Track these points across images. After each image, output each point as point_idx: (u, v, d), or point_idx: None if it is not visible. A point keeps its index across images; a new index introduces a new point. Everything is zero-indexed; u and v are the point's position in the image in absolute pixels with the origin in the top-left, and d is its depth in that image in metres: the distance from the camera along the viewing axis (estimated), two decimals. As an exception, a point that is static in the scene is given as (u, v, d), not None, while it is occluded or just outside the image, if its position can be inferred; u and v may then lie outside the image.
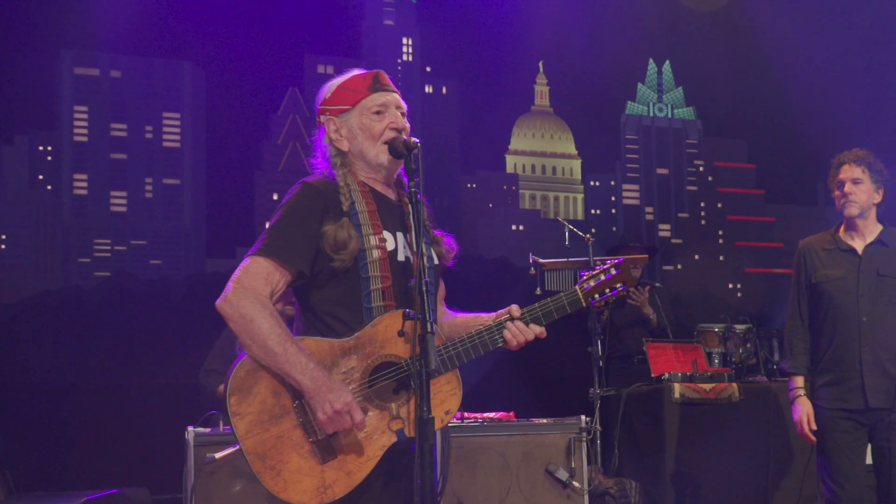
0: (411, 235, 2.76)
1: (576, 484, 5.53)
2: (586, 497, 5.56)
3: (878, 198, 4.45)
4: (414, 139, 2.73)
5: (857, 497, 4.28)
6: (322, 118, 2.88)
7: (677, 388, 5.98)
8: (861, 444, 4.34)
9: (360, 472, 2.62)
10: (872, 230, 4.48)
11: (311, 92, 2.99)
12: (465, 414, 5.65)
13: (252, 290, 2.62)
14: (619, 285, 2.86)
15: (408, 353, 2.62)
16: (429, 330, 2.50)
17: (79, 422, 10.05)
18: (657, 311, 7.18)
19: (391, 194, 2.88)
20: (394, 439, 2.64)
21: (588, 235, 6.86)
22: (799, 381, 4.47)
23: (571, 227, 7.31)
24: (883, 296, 4.37)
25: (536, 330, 2.77)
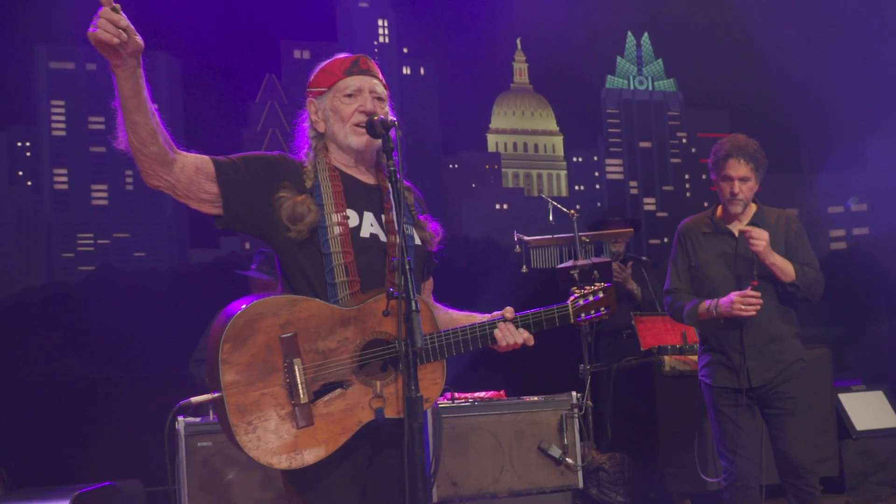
0: (389, 215, 2.76)
1: (569, 460, 5.55)
2: (580, 473, 5.59)
3: (758, 188, 4.66)
4: (391, 118, 2.73)
5: (750, 467, 4.47)
6: (307, 102, 2.93)
7: (667, 361, 6.00)
8: (752, 416, 4.53)
9: (332, 444, 2.63)
10: (748, 213, 4.66)
11: (288, 78, 2.97)
12: (456, 394, 5.66)
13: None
14: (603, 308, 2.97)
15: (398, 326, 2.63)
16: (413, 308, 2.49)
17: (70, 417, 10.02)
18: (642, 285, 7.19)
19: (367, 177, 2.89)
20: (371, 417, 2.67)
21: (572, 211, 6.87)
22: (703, 305, 4.52)
23: (555, 204, 7.32)
24: (758, 277, 4.50)
25: (525, 335, 2.84)
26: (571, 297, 2.96)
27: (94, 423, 9.16)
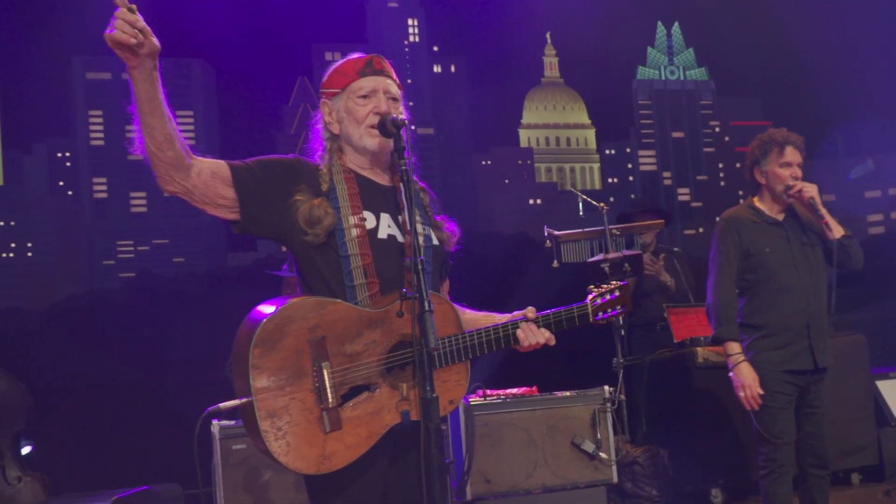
0: (403, 215, 2.74)
1: (602, 455, 5.50)
2: (614, 467, 5.54)
3: None
4: (402, 117, 2.71)
5: (790, 455, 4.55)
6: (320, 102, 2.90)
7: (700, 353, 5.93)
8: (792, 406, 4.59)
9: (360, 447, 2.61)
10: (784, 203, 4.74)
11: (319, 80, 2.96)
12: (488, 391, 5.62)
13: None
14: (618, 307, 2.95)
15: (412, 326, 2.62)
16: (427, 308, 2.47)
17: (110, 421, 10.11)
18: (675, 276, 7.11)
19: (382, 178, 2.87)
20: (398, 420, 2.64)
21: (602, 204, 6.82)
22: (737, 346, 4.62)
23: (585, 197, 7.26)
24: (811, 262, 4.64)
25: (546, 335, 2.81)
26: (590, 297, 2.93)
27: (134, 427, 9.24)
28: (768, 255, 4.63)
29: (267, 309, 2.63)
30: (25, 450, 6.16)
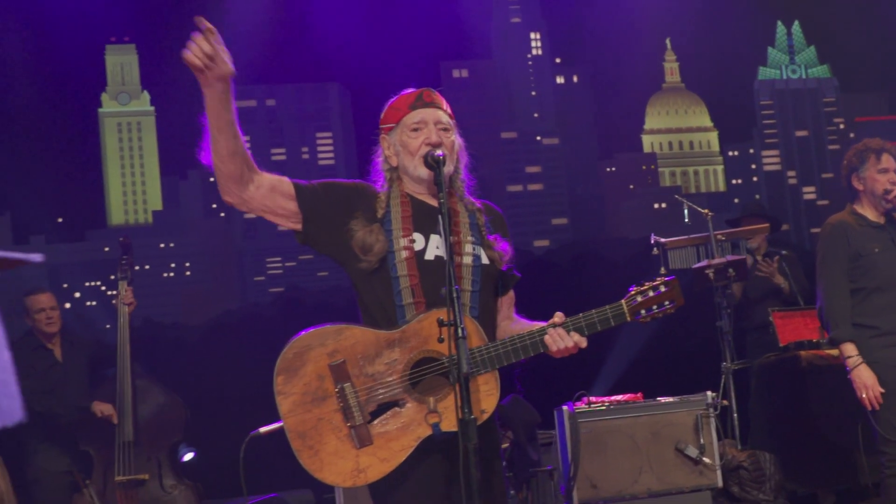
0: (453, 238, 2.78)
1: (706, 460, 5.39)
2: (719, 472, 5.41)
3: None
4: (438, 153, 2.76)
5: None
6: (380, 137, 2.96)
7: (804, 357, 5.74)
8: None
9: (393, 460, 2.65)
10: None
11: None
12: (592, 399, 5.58)
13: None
14: (667, 303, 2.78)
15: (448, 350, 2.64)
16: (461, 335, 2.51)
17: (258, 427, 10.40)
18: (787, 279, 6.92)
19: (437, 201, 2.90)
20: (428, 432, 2.66)
21: (706, 210, 6.70)
22: (854, 348, 4.49)
23: (690, 204, 7.14)
24: None
25: (576, 338, 2.73)
26: (627, 295, 2.80)
27: (281, 435, 9.46)
28: (878, 256, 4.54)
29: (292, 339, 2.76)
30: (188, 456, 6.40)
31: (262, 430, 4.63)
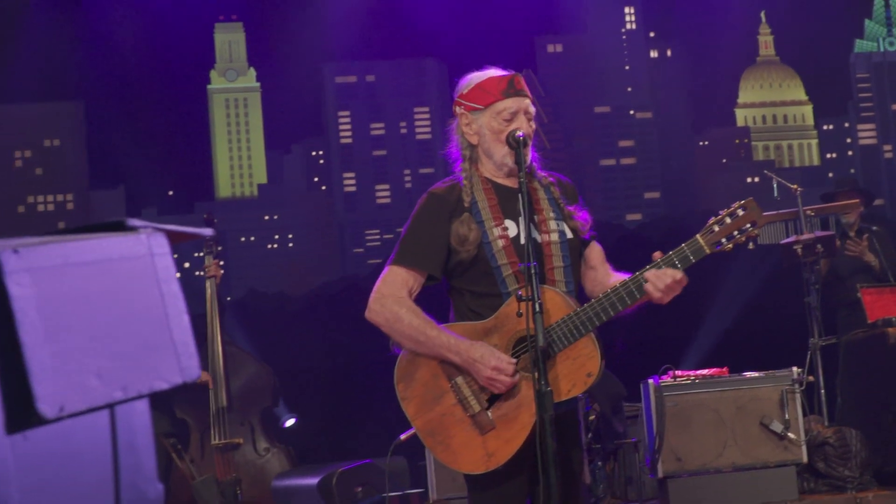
0: (540, 216, 2.81)
1: (791, 435, 5.30)
2: (804, 447, 5.32)
3: None
4: (518, 133, 2.76)
5: None
6: (457, 109, 2.90)
7: (891, 333, 5.59)
8: None
9: (517, 439, 2.69)
10: None
11: (543, 71, 3.02)
12: (678, 372, 5.54)
13: (390, 295, 2.77)
14: (748, 225, 2.67)
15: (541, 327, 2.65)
16: (537, 310, 2.54)
17: (356, 395, 10.61)
18: (878, 256, 6.72)
19: (516, 183, 2.89)
20: None
21: (795, 186, 6.55)
22: None
23: (779, 179, 6.99)
24: None
25: (670, 272, 2.65)
26: (704, 228, 2.72)
27: (373, 403, 9.64)
28: None
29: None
30: (290, 422, 6.60)
31: (402, 437, 4.86)
